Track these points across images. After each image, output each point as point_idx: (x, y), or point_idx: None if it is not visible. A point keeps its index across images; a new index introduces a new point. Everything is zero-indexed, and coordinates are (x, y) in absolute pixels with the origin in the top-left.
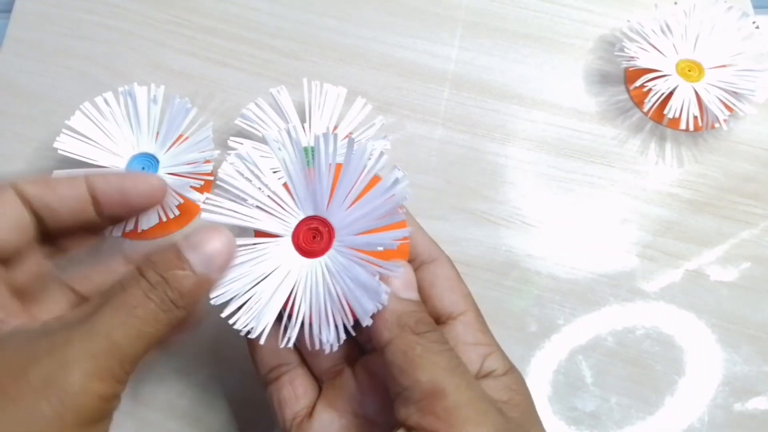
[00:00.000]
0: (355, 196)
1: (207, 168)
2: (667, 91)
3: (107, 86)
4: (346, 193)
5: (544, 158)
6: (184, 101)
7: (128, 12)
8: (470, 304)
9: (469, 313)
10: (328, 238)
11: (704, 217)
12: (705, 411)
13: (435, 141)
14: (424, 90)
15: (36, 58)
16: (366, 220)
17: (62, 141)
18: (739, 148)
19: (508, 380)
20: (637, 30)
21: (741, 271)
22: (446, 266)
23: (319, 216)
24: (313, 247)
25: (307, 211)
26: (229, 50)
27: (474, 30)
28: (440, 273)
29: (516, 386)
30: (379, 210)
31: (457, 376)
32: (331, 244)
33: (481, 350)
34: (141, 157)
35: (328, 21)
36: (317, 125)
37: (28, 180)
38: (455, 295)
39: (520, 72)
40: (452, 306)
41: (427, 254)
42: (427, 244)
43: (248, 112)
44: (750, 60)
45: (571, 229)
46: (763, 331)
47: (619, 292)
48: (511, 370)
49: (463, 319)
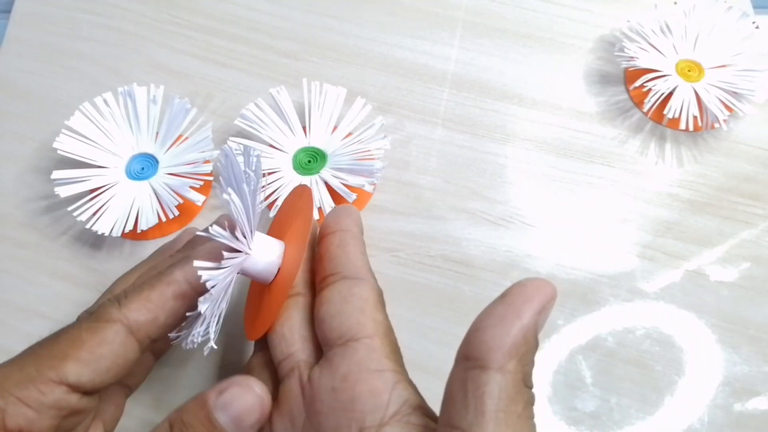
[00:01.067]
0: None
1: (207, 168)
2: (666, 91)
3: (107, 86)
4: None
5: (544, 158)
6: (184, 101)
7: (128, 12)
8: (379, 330)
9: (376, 339)
10: None
11: (704, 218)
12: (705, 411)
13: (435, 141)
14: (424, 90)
15: (36, 58)
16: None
17: (62, 141)
18: (739, 148)
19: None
20: (637, 30)
21: (741, 271)
22: (366, 289)
23: None
24: None
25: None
26: (229, 50)
27: (474, 30)
28: (356, 293)
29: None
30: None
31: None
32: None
33: (388, 377)
34: (140, 157)
35: (328, 21)
36: (317, 125)
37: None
38: (364, 318)
39: (520, 72)
40: (357, 327)
41: (352, 271)
42: (357, 262)
43: (248, 112)
44: (750, 60)
45: (571, 229)
46: (763, 331)
47: (619, 292)
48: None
49: (367, 342)
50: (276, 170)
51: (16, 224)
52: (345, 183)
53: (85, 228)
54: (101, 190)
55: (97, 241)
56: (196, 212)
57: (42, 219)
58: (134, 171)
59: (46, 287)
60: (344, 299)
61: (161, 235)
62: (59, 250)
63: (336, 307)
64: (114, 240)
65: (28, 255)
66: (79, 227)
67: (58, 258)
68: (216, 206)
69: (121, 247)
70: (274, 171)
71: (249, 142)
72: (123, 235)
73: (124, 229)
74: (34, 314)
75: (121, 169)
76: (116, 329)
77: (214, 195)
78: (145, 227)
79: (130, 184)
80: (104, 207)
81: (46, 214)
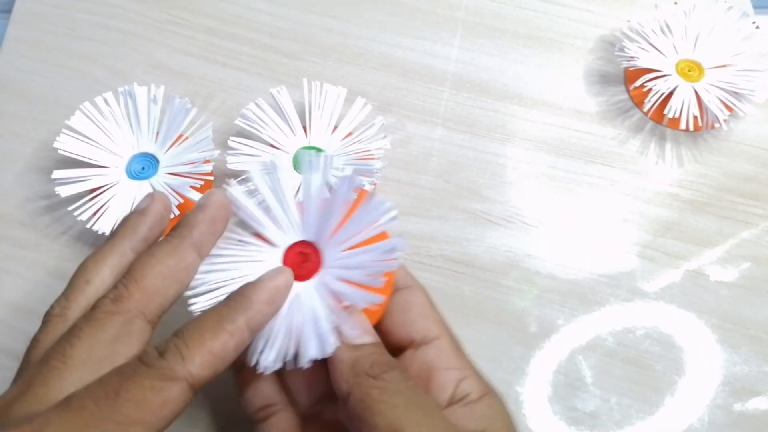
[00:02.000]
0: (355, 243)
1: (207, 168)
2: (667, 91)
3: (107, 86)
4: (349, 236)
5: (544, 158)
6: (184, 101)
7: (128, 12)
8: (443, 329)
9: (443, 339)
10: (312, 268)
11: (704, 217)
12: (705, 411)
13: (435, 141)
14: (424, 90)
15: (36, 58)
16: (353, 272)
17: (62, 141)
18: (739, 148)
19: (484, 407)
20: (637, 30)
21: (741, 271)
22: (419, 294)
23: (315, 244)
24: (299, 271)
25: (308, 236)
26: (229, 50)
27: (474, 30)
28: (412, 300)
29: (493, 413)
30: (371, 269)
31: (417, 411)
32: (312, 276)
33: (454, 374)
34: (141, 157)
35: (329, 21)
36: (317, 125)
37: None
38: (427, 321)
39: (520, 72)
40: (425, 331)
41: (401, 281)
42: (401, 272)
43: (248, 112)
44: (750, 60)
45: (571, 229)
46: (763, 331)
47: (619, 292)
48: (487, 395)
49: (436, 344)
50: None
51: (16, 224)
52: None
53: (85, 228)
54: (102, 190)
55: (97, 241)
56: None
57: (42, 219)
58: (135, 171)
59: (46, 287)
60: (403, 309)
61: (162, 235)
62: (60, 250)
63: (399, 318)
64: None
65: (28, 255)
66: (79, 227)
67: (59, 258)
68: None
69: None
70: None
71: (250, 142)
72: None
73: None
74: (34, 314)
75: (122, 168)
76: (181, 388)
77: None
78: None
79: (130, 184)
80: (105, 207)
81: (46, 214)
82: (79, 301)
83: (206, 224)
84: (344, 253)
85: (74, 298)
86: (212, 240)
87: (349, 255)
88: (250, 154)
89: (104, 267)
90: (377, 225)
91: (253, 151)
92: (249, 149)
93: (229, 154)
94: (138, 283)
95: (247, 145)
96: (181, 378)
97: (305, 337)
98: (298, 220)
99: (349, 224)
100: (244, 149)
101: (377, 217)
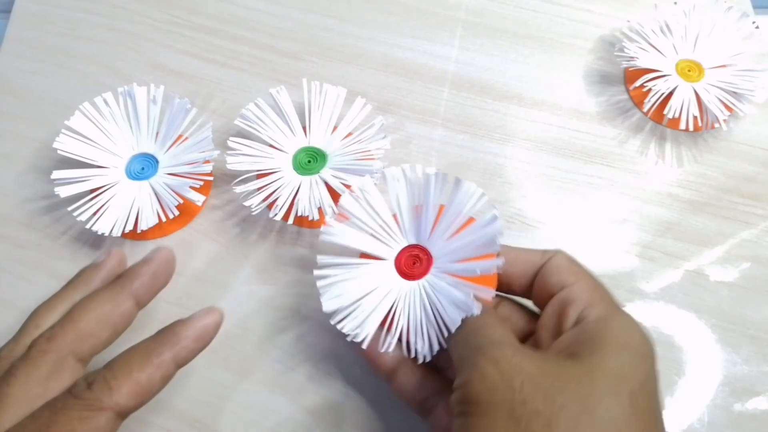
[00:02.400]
0: (454, 229)
1: (207, 168)
2: (666, 91)
3: (107, 86)
4: (448, 225)
5: (544, 158)
6: (184, 101)
7: (128, 12)
8: (580, 277)
9: (579, 283)
10: (426, 264)
11: (704, 218)
12: (705, 411)
13: (435, 141)
14: (423, 90)
15: (36, 58)
16: (465, 250)
17: (62, 141)
18: (739, 148)
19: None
20: (637, 30)
21: (741, 271)
22: (557, 258)
23: (420, 245)
24: (413, 271)
25: (410, 240)
26: (229, 50)
27: (474, 30)
28: (552, 263)
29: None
30: (478, 241)
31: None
32: (428, 270)
33: (580, 305)
34: (141, 157)
35: (329, 21)
36: (317, 125)
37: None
38: (563, 275)
39: (520, 72)
40: (562, 282)
41: (540, 256)
42: (534, 251)
43: (248, 112)
44: (750, 60)
45: (571, 229)
46: (763, 331)
47: (619, 292)
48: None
49: (571, 287)
50: (276, 170)
51: (16, 224)
52: (345, 183)
53: (85, 228)
54: (101, 190)
55: (97, 241)
56: (195, 212)
57: (42, 219)
58: (134, 171)
59: (46, 287)
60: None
61: (161, 235)
62: (59, 250)
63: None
64: (114, 240)
65: (28, 255)
66: (79, 227)
67: (59, 258)
68: (216, 206)
69: (121, 247)
70: (274, 171)
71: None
72: (123, 235)
73: (124, 229)
74: None
75: (121, 169)
76: (108, 417)
77: (214, 195)
78: (145, 227)
79: (130, 184)
80: (104, 207)
81: (46, 214)
82: (26, 344)
83: (148, 277)
84: (449, 241)
85: (22, 341)
86: (152, 292)
87: (454, 240)
88: (249, 154)
89: (54, 314)
90: (469, 207)
91: (252, 152)
92: (249, 149)
93: (228, 154)
94: (74, 324)
95: (247, 145)
96: (108, 408)
97: (447, 314)
98: (398, 230)
99: (444, 216)
100: (244, 149)
101: (466, 201)
